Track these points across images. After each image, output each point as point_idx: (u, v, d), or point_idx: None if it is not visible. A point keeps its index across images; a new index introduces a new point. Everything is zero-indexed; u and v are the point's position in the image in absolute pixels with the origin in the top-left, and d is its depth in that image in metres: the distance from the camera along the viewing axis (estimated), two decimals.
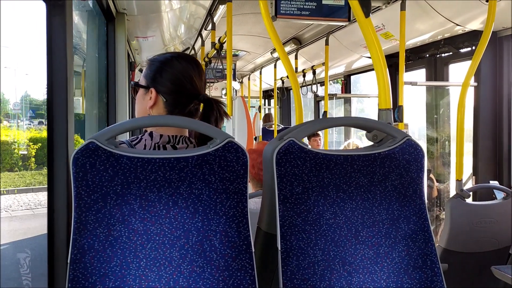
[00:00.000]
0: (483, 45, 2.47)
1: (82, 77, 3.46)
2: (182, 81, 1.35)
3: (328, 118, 3.04)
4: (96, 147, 1.05)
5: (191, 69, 1.37)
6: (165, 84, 1.35)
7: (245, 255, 1.08)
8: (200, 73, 1.39)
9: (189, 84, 1.35)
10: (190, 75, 1.36)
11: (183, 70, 1.36)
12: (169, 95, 1.35)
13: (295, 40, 5.01)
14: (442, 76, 3.84)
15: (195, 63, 1.40)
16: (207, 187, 1.09)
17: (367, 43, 1.46)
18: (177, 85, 1.35)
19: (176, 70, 1.35)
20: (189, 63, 1.38)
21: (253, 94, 8.34)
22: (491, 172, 3.36)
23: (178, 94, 1.35)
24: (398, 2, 3.01)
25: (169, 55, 1.40)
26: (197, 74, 1.37)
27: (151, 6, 3.36)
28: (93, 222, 1.03)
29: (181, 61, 1.37)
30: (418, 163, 1.20)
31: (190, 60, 1.40)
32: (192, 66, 1.37)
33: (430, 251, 1.17)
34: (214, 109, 1.36)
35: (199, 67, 1.40)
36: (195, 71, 1.37)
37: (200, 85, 1.38)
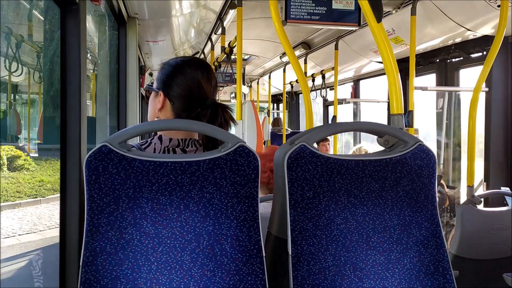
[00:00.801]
0: (495, 50, 2.45)
1: (93, 80, 3.49)
2: (190, 86, 1.36)
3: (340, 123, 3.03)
4: (109, 150, 1.06)
5: (200, 74, 1.38)
6: (173, 88, 1.37)
7: (256, 259, 1.08)
8: (209, 78, 1.40)
9: (196, 89, 1.37)
10: (198, 80, 1.37)
11: (192, 75, 1.37)
12: (177, 99, 1.37)
13: (305, 45, 5.01)
14: (452, 81, 3.82)
15: (205, 68, 1.41)
16: (218, 191, 1.09)
17: (379, 48, 1.46)
18: (184, 90, 1.36)
19: (185, 75, 1.37)
20: (198, 68, 1.39)
21: (261, 98, 8.35)
22: (503, 178, 3.33)
23: (185, 99, 1.36)
24: (408, 7, 3.00)
25: (180, 59, 1.42)
26: (205, 79, 1.39)
27: (162, 11, 3.39)
28: (105, 225, 1.04)
29: (191, 66, 1.39)
30: (430, 168, 1.20)
31: (200, 65, 1.41)
32: (201, 71, 1.39)
33: (442, 257, 1.17)
34: (219, 114, 1.36)
35: (209, 72, 1.41)
36: (204, 76, 1.39)
37: (209, 90, 1.39)
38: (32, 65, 2.56)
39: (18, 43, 2.11)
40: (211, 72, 1.42)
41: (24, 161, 2.38)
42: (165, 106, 1.38)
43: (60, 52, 1.42)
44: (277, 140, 6.79)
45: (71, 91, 1.37)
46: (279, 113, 9.02)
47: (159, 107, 1.38)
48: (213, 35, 4.45)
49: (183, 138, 1.35)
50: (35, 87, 2.91)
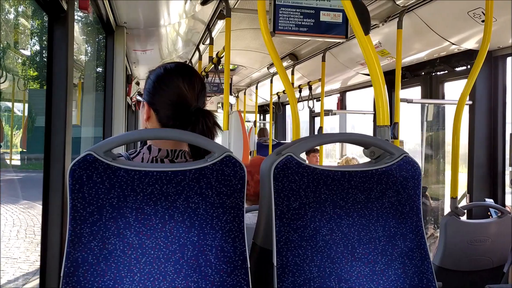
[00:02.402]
0: (479, 64, 2.49)
1: (79, 88, 3.47)
2: (171, 95, 1.34)
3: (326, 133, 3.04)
4: (93, 159, 1.04)
5: (181, 82, 1.35)
6: (156, 98, 1.35)
7: (240, 270, 1.07)
8: (192, 84, 1.36)
9: (178, 97, 1.34)
10: (180, 88, 1.34)
11: (173, 84, 1.34)
12: (160, 108, 1.35)
13: (292, 56, 5.05)
14: (437, 94, 3.87)
15: (188, 74, 1.38)
16: (204, 201, 1.08)
17: (366, 60, 1.47)
18: (167, 99, 1.34)
19: (166, 84, 1.35)
20: (180, 76, 1.36)
21: (248, 108, 8.37)
22: (486, 190, 3.37)
23: (168, 108, 1.34)
24: (395, 20, 3.05)
25: (163, 68, 1.39)
26: (188, 86, 1.35)
27: (151, 20, 3.39)
28: (88, 235, 1.02)
29: (172, 74, 1.36)
30: (415, 180, 1.21)
31: (182, 72, 1.38)
32: (183, 78, 1.35)
33: (426, 269, 1.17)
34: (200, 121, 1.32)
35: (192, 78, 1.38)
36: (186, 82, 1.35)
37: (192, 96, 1.36)
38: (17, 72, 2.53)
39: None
40: (195, 77, 1.38)
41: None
42: (151, 116, 1.37)
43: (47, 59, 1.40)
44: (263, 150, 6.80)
45: (56, 99, 1.36)
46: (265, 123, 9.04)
47: (145, 117, 1.37)
48: (201, 45, 4.46)
49: (172, 149, 1.34)
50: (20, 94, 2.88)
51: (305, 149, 1.23)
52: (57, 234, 1.25)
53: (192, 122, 1.32)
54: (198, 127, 1.32)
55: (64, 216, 1.24)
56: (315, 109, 5.59)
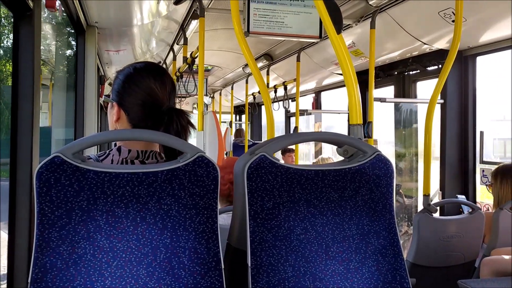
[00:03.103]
0: (449, 64, 2.54)
1: (50, 90, 3.39)
2: (142, 94, 1.31)
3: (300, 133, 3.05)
4: (61, 161, 1.01)
5: (153, 81, 1.32)
6: (126, 98, 1.32)
7: (214, 272, 1.06)
8: (163, 83, 1.34)
9: (149, 97, 1.31)
10: (150, 88, 1.31)
11: (144, 84, 1.31)
12: (131, 109, 1.31)
13: (267, 56, 5.05)
14: (410, 93, 3.94)
15: (159, 73, 1.36)
16: (177, 203, 1.07)
17: (339, 59, 1.48)
18: (137, 99, 1.31)
19: (136, 84, 1.32)
20: (150, 75, 1.33)
21: (224, 109, 8.35)
22: (457, 187, 3.44)
23: (139, 108, 1.31)
24: (368, 20, 3.08)
25: (132, 67, 1.36)
26: (159, 85, 1.33)
27: (123, 20, 3.34)
28: (56, 239, 0.99)
29: (142, 74, 1.33)
30: (388, 178, 1.21)
31: (152, 71, 1.35)
32: (154, 78, 1.33)
33: (399, 266, 1.18)
34: (174, 121, 1.30)
35: (163, 77, 1.35)
36: (158, 82, 1.33)
37: (164, 96, 1.33)
38: None
39: None
40: (165, 76, 1.36)
41: None
42: (121, 117, 1.33)
43: (12, 59, 1.36)
44: (239, 151, 6.79)
45: (23, 100, 1.32)
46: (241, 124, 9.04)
47: (115, 118, 1.33)
48: (175, 45, 4.42)
49: (143, 150, 1.31)
50: None
51: (279, 149, 1.22)
52: (25, 239, 1.21)
53: (165, 122, 1.30)
54: (173, 127, 1.29)
55: (31, 221, 1.21)
56: (291, 109, 5.62)
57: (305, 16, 2.67)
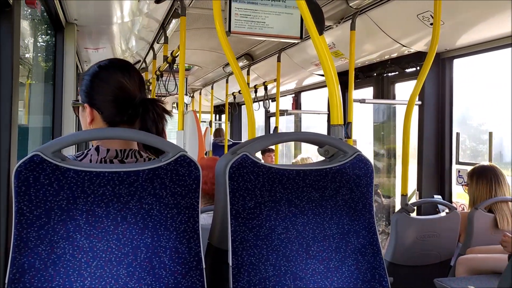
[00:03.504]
0: (427, 66, 2.58)
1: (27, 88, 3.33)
2: (112, 90, 1.29)
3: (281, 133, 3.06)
4: (41, 160, 1.00)
5: (120, 75, 1.31)
6: (96, 97, 1.30)
7: (195, 271, 1.06)
8: (131, 76, 1.33)
9: (120, 91, 1.29)
10: (119, 82, 1.30)
11: (112, 79, 1.30)
12: (104, 107, 1.30)
13: (248, 56, 5.06)
14: (388, 94, 3.99)
15: (125, 67, 1.34)
16: (158, 202, 1.06)
17: (321, 60, 1.49)
18: (108, 95, 1.29)
19: (104, 80, 1.30)
20: (117, 69, 1.32)
21: (204, 109, 8.32)
22: (434, 187, 3.50)
23: (112, 104, 1.29)
24: (348, 22, 3.11)
25: (96, 65, 1.34)
26: (128, 78, 1.31)
27: (103, 17, 3.29)
28: (35, 239, 0.98)
29: (109, 69, 1.32)
30: (368, 178, 1.23)
31: (118, 65, 1.34)
32: (121, 71, 1.31)
33: (378, 264, 1.20)
34: (150, 109, 1.29)
35: (130, 70, 1.34)
36: (126, 75, 1.31)
37: (134, 88, 1.32)
38: None
39: None
40: (132, 69, 1.35)
41: None
42: (95, 117, 1.31)
43: None
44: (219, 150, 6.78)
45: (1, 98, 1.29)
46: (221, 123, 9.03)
47: (89, 120, 1.31)
48: (155, 44, 4.39)
49: (121, 149, 1.29)
50: None
51: (260, 148, 1.23)
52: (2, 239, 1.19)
53: (140, 114, 1.29)
54: (149, 116, 1.28)
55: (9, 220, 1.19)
56: (271, 109, 5.63)
57: (286, 17, 2.68)
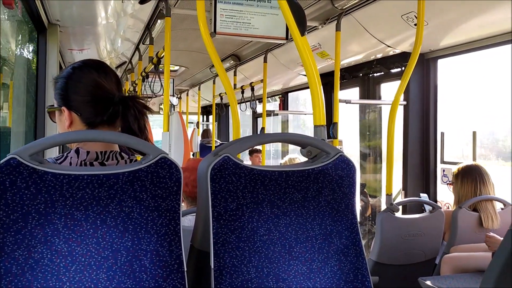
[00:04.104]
0: (412, 66, 2.60)
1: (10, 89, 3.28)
2: (89, 90, 1.27)
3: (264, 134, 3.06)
4: (18, 163, 0.98)
5: (96, 74, 1.29)
6: (73, 98, 1.27)
7: (177, 274, 1.05)
8: (107, 74, 1.31)
9: (97, 90, 1.27)
10: (95, 81, 1.28)
11: (87, 78, 1.28)
12: (81, 108, 1.27)
13: (234, 57, 5.05)
14: (374, 94, 4.01)
15: (99, 66, 1.32)
16: (138, 205, 1.05)
17: (303, 61, 1.49)
18: (85, 95, 1.27)
19: (80, 81, 1.28)
20: (92, 69, 1.30)
21: (191, 110, 8.29)
22: (419, 187, 3.52)
23: (90, 104, 1.27)
24: (333, 23, 3.12)
25: (70, 67, 1.32)
26: (104, 77, 1.29)
27: (86, 18, 3.27)
28: (12, 244, 0.96)
29: (83, 70, 1.30)
30: (350, 178, 1.23)
31: (92, 65, 1.32)
32: (96, 70, 1.29)
33: (361, 265, 1.20)
34: (130, 107, 1.27)
35: (105, 68, 1.33)
36: (101, 74, 1.30)
37: (111, 86, 1.30)
38: None
39: None
40: (107, 68, 1.33)
41: None
42: (73, 120, 1.28)
43: None
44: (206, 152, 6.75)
45: None
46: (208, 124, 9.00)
47: (67, 123, 1.28)
48: (141, 45, 4.36)
49: (102, 151, 1.27)
50: None
51: (244, 149, 1.22)
52: None
53: (120, 112, 1.27)
54: (130, 113, 1.26)
55: None
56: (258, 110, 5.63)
57: (271, 18, 2.68)
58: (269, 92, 5.72)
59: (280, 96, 5.97)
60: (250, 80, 5.37)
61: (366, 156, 4.33)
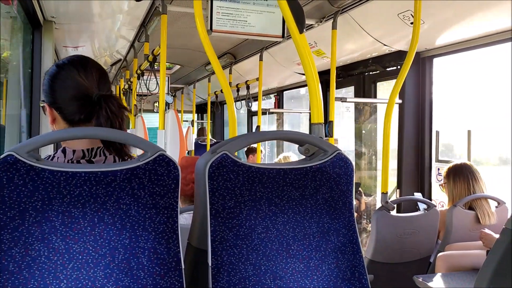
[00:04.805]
0: (408, 65, 2.61)
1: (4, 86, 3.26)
2: (67, 88, 1.26)
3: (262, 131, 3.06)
4: (15, 160, 0.98)
5: (75, 71, 1.27)
6: (55, 96, 1.27)
7: (174, 272, 1.05)
8: (87, 71, 1.28)
9: (75, 89, 1.26)
10: (74, 78, 1.26)
11: (66, 76, 1.27)
12: (61, 106, 1.27)
13: (230, 55, 5.04)
14: (370, 93, 4.02)
15: (80, 62, 1.30)
16: (136, 202, 1.05)
17: (301, 59, 1.49)
18: (64, 94, 1.26)
19: (59, 78, 1.27)
20: (71, 66, 1.28)
21: (186, 108, 8.27)
22: (414, 185, 3.54)
23: (69, 103, 1.26)
24: (330, 21, 3.12)
25: (54, 65, 1.31)
26: (83, 74, 1.27)
27: (82, 15, 3.25)
28: (8, 241, 0.96)
29: (63, 67, 1.28)
30: (348, 176, 1.23)
31: (73, 62, 1.30)
32: (76, 68, 1.27)
33: (358, 262, 1.20)
34: (103, 107, 1.24)
35: (86, 64, 1.29)
36: (81, 71, 1.27)
37: (91, 84, 1.27)
38: None
39: None
40: (89, 65, 1.30)
41: None
42: (56, 117, 1.28)
43: None
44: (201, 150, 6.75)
45: None
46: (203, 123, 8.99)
47: (50, 120, 1.28)
48: (136, 42, 4.34)
49: (88, 148, 1.26)
50: None
51: (241, 147, 1.22)
52: None
53: (96, 111, 1.25)
54: (102, 114, 1.24)
55: None
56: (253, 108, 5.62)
57: (268, 16, 2.68)
58: (264, 90, 5.71)
59: (275, 94, 5.97)
60: (245, 78, 5.37)
61: (361, 155, 4.34)
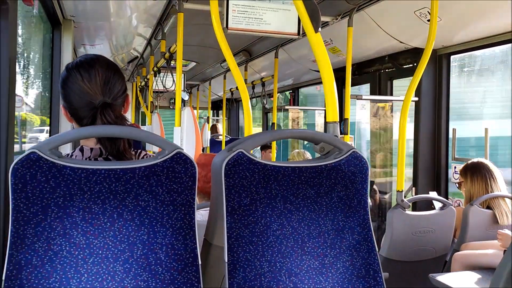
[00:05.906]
0: (424, 62, 2.59)
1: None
2: (75, 95, 1.27)
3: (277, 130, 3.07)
4: (38, 157, 1.01)
5: (79, 77, 1.26)
6: (66, 100, 1.29)
7: (191, 268, 1.07)
8: (92, 77, 1.27)
9: (79, 95, 1.26)
10: (78, 84, 1.26)
11: (71, 81, 1.27)
12: (71, 109, 1.29)
13: (245, 52, 5.05)
14: (386, 90, 3.99)
15: (85, 67, 1.28)
16: (154, 199, 1.07)
17: (317, 57, 1.50)
18: (72, 99, 1.28)
19: (67, 83, 1.28)
20: (77, 71, 1.27)
21: (202, 104, 8.32)
22: (430, 184, 3.51)
23: (77, 108, 1.28)
24: (345, 18, 3.11)
25: (65, 68, 1.32)
26: (86, 80, 1.26)
27: (100, 14, 3.29)
28: (32, 236, 0.99)
29: (71, 71, 1.28)
30: (363, 174, 1.24)
31: (80, 66, 1.29)
32: (80, 73, 1.27)
33: (373, 260, 1.21)
34: (98, 118, 1.24)
35: (90, 70, 1.27)
36: (85, 76, 1.26)
37: (95, 90, 1.26)
38: None
39: None
40: (94, 67, 1.28)
41: None
42: (71, 119, 1.32)
43: None
44: (216, 146, 6.78)
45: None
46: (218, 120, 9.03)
47: (67, 119, 1.32)
48: (153, 40, 4.38)
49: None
50: None
51: (257, 145, 1.24)
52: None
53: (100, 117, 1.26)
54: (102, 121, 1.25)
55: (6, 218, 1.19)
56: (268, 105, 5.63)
57: (284, 13, 2.68)
58: (280, 87, 5.71)
59: (290, 92, 5.96)
60: (260, 75, 5.38)
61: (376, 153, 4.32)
